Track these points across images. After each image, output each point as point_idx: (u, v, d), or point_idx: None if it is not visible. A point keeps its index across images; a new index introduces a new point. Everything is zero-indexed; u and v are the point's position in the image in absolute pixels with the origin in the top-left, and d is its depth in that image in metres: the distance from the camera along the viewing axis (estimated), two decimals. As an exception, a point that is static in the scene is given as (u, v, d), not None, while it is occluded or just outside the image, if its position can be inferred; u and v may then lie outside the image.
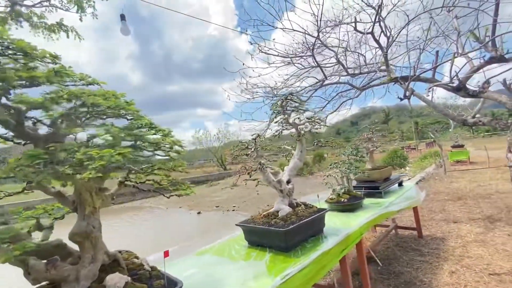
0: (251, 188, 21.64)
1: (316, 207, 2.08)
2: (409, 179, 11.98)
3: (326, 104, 6.05)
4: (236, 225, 1.96)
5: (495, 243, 3.32)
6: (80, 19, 4.39)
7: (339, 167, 2.78)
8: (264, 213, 1.97)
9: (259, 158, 2.03)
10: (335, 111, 6.27)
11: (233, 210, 14.55)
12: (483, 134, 38.57)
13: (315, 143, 2.31)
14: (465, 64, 3.79)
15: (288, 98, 2.03)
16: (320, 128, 2.28)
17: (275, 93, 5.70)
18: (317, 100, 6.04)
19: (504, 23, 3.51)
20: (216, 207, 15.97)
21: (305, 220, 1.79)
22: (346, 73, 5.50)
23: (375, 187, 3.17)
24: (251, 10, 4.57)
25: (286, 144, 2.45)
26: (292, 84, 5.70)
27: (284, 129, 2.18)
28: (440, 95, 9.10)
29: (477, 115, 6.13)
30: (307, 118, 2.22)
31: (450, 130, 16.26)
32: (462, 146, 12.69)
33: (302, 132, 2.26)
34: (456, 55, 3.63)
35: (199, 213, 14.89)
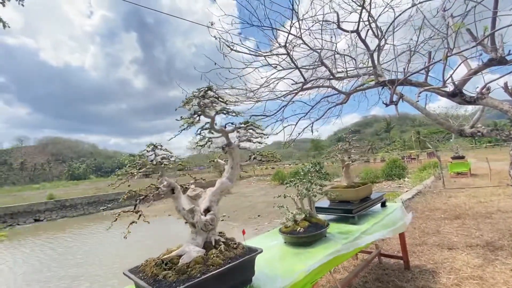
0: (245, 196, 20.99)
1: (242, 247, 1.50)
2: (407, 190, 11.38)
3: (310, 109, 5.49)
4: (124, 274, 1.39)
5: (495, 282, 2.70)
6: (2, 3, 3.91)
7: (297, 186, 2.21)
8: (164, 256, 1.39)
9: (164, 178, 1.46)
10: (320, 118, 5.72)
11: (222, 220, 13.71)
12: (486, 144, 37.78)
13: (250, 158, 1.74)
14: (459, 64, 3.24)
15: (206, 95, 1.46)
16: (261, 137, 1.72)
17: (253, 95, 5.17)
18: (300, 106, 5.46)
19: (506, 16, 2.95)
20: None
21: (209, 275, 1.21)
22: (332, 77, 4.95)
23: (347, 210, 2.59)
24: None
25: (219, 158, 1.89)
26: (269, 84, 5.17)
27: (206, 137, 1.62)
28: (441, 104, 8.46)
29: (479, 125, 5.57)
30: (240, 124, 1.65)
31: (450, 140, 15.63)
32: (462, 157, 12.03)
33: (237, 142, 1.69)
34: (448, 53, 3.08)
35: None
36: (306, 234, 2.01)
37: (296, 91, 4.95)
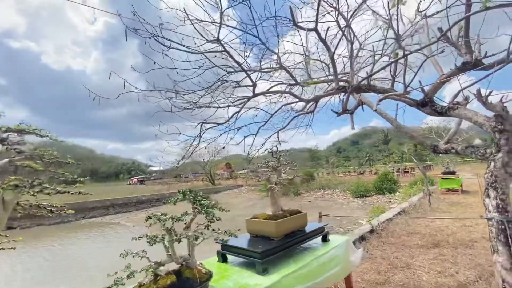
0: (231, 207, 20.12)
1: None
2: (397, 205, 10.69)
3: (270, 117, 4.85)
4: None
5: None
6: None
7: (161, 224, 1.55)
8: None
9: None
10: (285, 127, 5.08)
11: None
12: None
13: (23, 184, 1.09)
14: (421, 64, 2.63)
15: None
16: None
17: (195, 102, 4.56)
18: (262, 115, 4.81)
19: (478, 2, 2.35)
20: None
21: None
22: (294, 82, 4.34)
23: (253, 253, 1.90)
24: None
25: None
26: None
27: None
28: (434, 118, 7.85)
29: (477, 142, 5.04)
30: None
31: (441, 154, 14.99)
32: (453, 173, 11.37)
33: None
34: (403, 51, 2.47)
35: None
36: (153, 302, 1.34)
37: (248, 98, 4.32)
